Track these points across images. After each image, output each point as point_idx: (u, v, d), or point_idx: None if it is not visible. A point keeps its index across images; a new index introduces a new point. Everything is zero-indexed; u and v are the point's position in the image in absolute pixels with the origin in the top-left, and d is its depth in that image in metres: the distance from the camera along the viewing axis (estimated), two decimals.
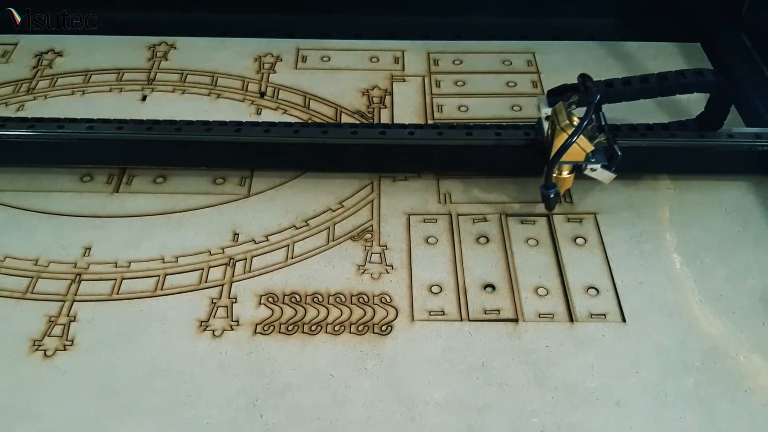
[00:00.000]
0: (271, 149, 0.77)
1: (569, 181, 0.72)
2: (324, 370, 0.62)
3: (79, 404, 0.59)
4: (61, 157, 0.78)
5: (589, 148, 0.69)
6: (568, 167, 0.71)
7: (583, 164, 0.70)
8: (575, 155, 0.69)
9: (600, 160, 0.70)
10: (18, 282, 0.68)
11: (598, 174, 0.71)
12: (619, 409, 0.59)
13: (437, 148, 0.76)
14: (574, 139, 0.67)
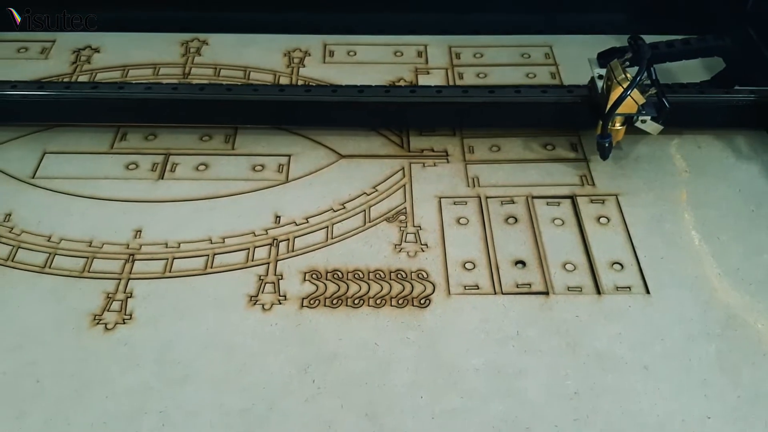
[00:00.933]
0: (314, 107, 0.83)
1: (621, 132, 0.79)
2: (369, 339, 0.66)
3: (141, 372, 0.63)
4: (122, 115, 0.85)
5: (641, 100, 0.75)
6: (620, 119, 0.78)
7: (635, 116, 0.76)
8: (629, 107, 0.76)
9: (650, 112, 0.77)
10: (75, 262, 0.72)
11: (647, 126, 0.78)
12: (647, 372, 0.63)
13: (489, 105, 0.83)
14: (629, 92, 0.74)
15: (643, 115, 0.77)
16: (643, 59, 0.75)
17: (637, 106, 0.76)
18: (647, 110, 0.77)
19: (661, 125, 0.78)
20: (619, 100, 0.74)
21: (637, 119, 0.77)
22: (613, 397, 0.61)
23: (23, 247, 0.73)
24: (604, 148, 0.78)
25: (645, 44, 0.76)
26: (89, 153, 0.84)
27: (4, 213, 0.77)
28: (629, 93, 0.74)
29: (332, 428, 0.59)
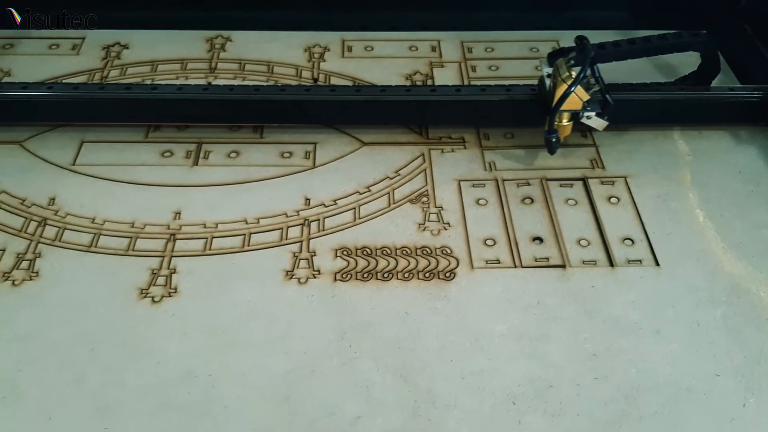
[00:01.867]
0: (337, 107, 0.88)
1: (568, 128, 0.83)
2: (399, 309, 0.70)
3: (189, 340, 0.67)
4: (156, 114, 0.88)
5: (585, 97, 0.80)
6: (567, 115, 0.82)
7: (581, 112, 0.81)
8: (573, 104, 0.80)
9: (595, 108, 0.81)
10: (119, 242, 0.76)
11: (593, 122, 0.82)
12: (659, 336, 0.68)
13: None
14: (573, 88, 0.78)
15: (587, 111, 0.81)
16: (586, 58, 0.79)
17: (582, 103, 0.80)
18: (592, 107, 0.81)
19: (606, 121, 0.82)
20: (563, 97, 0.79)
21: (583, 115, 0.81)
22: (628, 358, 0.66)
23: (69, 228, 0.78)
24: (551, 143, 0.82)
25: (589, 44, 0.80)
26: (125, 142, 0.88)
27: (48, 197, 0.81)
28: (573, 90, 0.78)
29: (370, 389, 0.64)
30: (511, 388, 0.64)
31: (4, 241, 0.76)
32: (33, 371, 0.64)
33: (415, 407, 0.62)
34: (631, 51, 0.86)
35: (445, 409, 0.62)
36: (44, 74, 0.97)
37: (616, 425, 0.61)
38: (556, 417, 0.62)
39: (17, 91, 0.85)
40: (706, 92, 0.90)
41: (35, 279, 0.72)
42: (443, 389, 0.64)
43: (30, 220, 0.78)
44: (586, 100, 0.80)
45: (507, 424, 0.61)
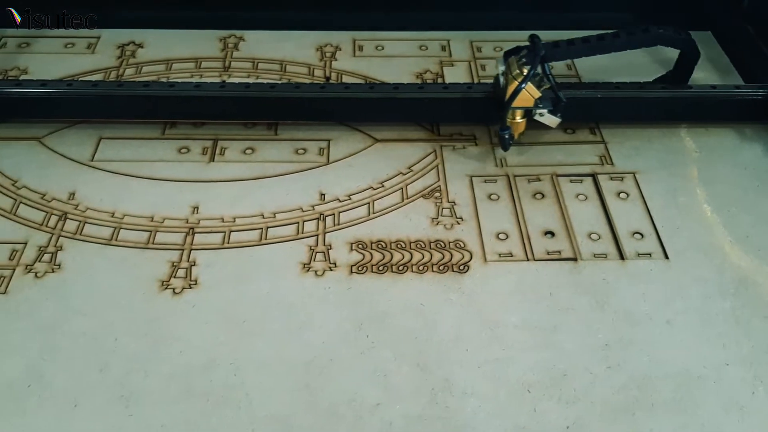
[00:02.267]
0: (351, 104, 0.89)
1: (522, 125, 0.84)
2: (414, 300, 0.72)
3: (210, 329, 0.69)
4: (173, 111, 0.90)
5: (537, 94, 0.81)
6: (520, 112, 0.83)
7: (533, 109, 0.82)
8: (525, 101, 0.81)
9: (546, 105, 0.83)
10: (139, 235, 0.78)
11: (545, 119, 0.84)
12: (670, 326, 0.70)
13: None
14: (523, 85, 0.79)
15: (540, 108, 0.82)
16: (537, 56, 0.80)
17: (534, 100, 0.81)
18: (544, 104, 0.82)
19: (558, 118, 0.83)
20: (514, 94, 0.80)
21: (536, 112, 0.83)
22: (640, 348, 0.68)
23: (89, 222, 0.79)
24: (504, 139, 0.84)
25: (539, 42, 0.81)
26: (142, 139, 0.90)
27: (68, 192, 0.82)
28: (523, 86, 0.79)
29: (387, 377, 0.65)
30: (526, 377, 0.65)
31: (25, 234, 0.77)
32: (58, 360, 0.66)
33: (432, 395, 0.64)
34: (586, 49, 0.87)
35: (462, 396, 0.64)
36: (61, 72, 0.99)
37: (629, 412, 0.63)
38: (570, 404, 0.63)
39: (37, 88, 0.87)
40: (712, 90, 0.92)
41: (57, 271, 0.74)
42: (460, 377, 0.65)
43: (51, 215, 0.80)
44: (537, 97, 0.81)
45: (523, 410, 0.63)
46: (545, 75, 0.82)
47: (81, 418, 0.62)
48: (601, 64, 0.99)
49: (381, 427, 0.62)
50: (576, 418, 0.62)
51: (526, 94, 0.80)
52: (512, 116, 0.83)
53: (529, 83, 0.80)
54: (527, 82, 0.79)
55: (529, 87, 0.80)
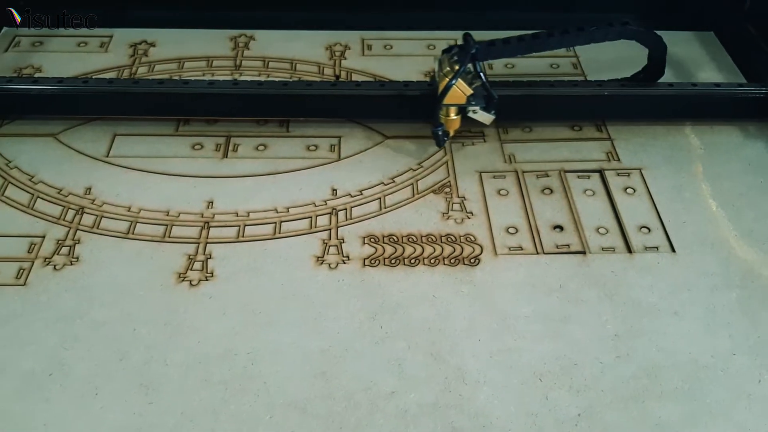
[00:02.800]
0: (363, 101, 0.91)
1: (457, 122, 0.86)
2: (427, 292, 0.73)
3: (227, 320, 0.70)
4: (188, 108, 0.91)
5: (468, 91, 0.82)
6: (454, 109, 0.84)
7: (466, 106, 0.83)
8: (457, 98, 0.82)
9: (479, 103, 0.84)
10: (155, 229, 0.79)
11: (479, 116, 0.85)
12: (678, 317, 0.71)
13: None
14: (453, 82, 0.81)
15: (472, 105, 0.84)
16: (467, 54, 0.81)
17: (466, 97, 0.83)
18: (476, 101, 0.83)
19: (492, 115, 0.85)
20: (444, 91, 0.81)
21: (469, 110, 0.84)
22: (649, 338, 0.69)
23: (106, 216, 0.80)
24: (438, 136, 0.85)
25: (470, 41, 0.82)
26: (156, 135, 0.91)
27: (84, 187, 0.84)
28: (453, 83, 0.81)
29: (402, 366, 0.67)
30: (537, 366, 0.67)
31: (43, 228, 0.79)
32: (78, 350, 0.67)
33: (446, 383, 0.65)
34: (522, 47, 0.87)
35: (475, 385, 0.65)
36: (74, 71, 1.00)
37: (639, 400, 0.64)
38: (581, 392, 0.65)
39: (53, 85, 0.88)
40: (716, 89, 0.94)
41: (76, 264, 0.75)
42: (472, 367, 0.67)
43: (68, 209, 0.81)
44: (469, 94, 0.82)
45: (535, 398, 0.64)
46: (477, 73, 0.83)
47: (102, 405, 0.63)
48: (604, 60, 1.02)
49: (396, 414, 0.63)
50: (587, 405, 0.64)
51: (457, 91, 0.82)
52: (446, 113, 0.84)
53: (460, 80, 0.81)
54: (457, 79, 0.81)
55: (459, 84, 0.81)
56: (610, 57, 1.06)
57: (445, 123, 0.85)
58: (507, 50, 0.86)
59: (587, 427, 0.62)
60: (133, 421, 0.62)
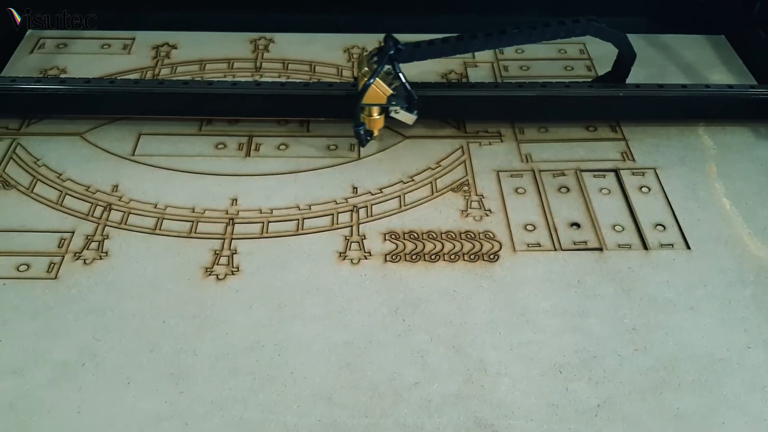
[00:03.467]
0: None
1: (380, 121, 0.87)
2: (448, 287, 0.75)
3: (253, 313, 0.72)
4: (209, 108, 0.93)
5: (388, 92, 0.84)
6: (377, 109, 0.86)
7: (388, 106, 0.85)
8: (377, 98, 0.84)
9: (400, 103, 0.85)
10: (182, 225, 0.81)
11: (401, 116, 0.87)
12: (693, 312, 0.73)
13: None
14: (370, 81, 0.82)
15: (393, 105, 0.85)
16: (385, 55, 0.83)
17: (386, 97, 0.84)
18: (397, 101, 0.85)
19: (414, 115, 0.86)
20: (362, 90, 0.83)
21: (392, 110, 0.86)
22: (665, 332, 0.71)
23: (133, 213, 0.82)
24: (359, 135, 0.87)
25: (390, 42, 0.83)
26: (180, 135, 0.93)
27: (111, 184, 0.86)
28: (371, 82, 0.82)
29: (425, 357, 0.68)
30: (557, 358, 0.68)
31: (73, 224, 0.81)
32: (109, 341, 0.69)
33: (468, 375, 0.67)
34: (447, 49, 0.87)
35: (496, 376, 0.67)
36: (98, 72, 1.03)
37: (656, 392, 0.66)
38: (600, 384, 0.66)
39: (80, 86, 0.90)
40: (729, 90, 0.95)
41: (105, 258, 0.77)
42: (493, 359, 0.68)
43: (96, 205, 0.83)
44: (389, 95, 0.84)
45: (555, 390, 0.66)
46: (396, 74, 0.84)
47: (134, 394, 0.65)
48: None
49: (420, 404, 0.64)
50: (606, 397, 0.65)
51: (376, 91, 0.83)
52: (369, 113, 0.86)
53: (378, 80, 0.82)
54: (374, 79, 0.82)
55: (378, 84, 0.83)
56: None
57: (368, 122, 0.87)
58: (430, 52, 0.87)
59: (607, 417, 0.64)
60: (164, 409, 0.63)
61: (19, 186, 0.85)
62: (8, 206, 0.83)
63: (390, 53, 0.83)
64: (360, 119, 0.86)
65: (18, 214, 0.82)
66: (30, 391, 0.65)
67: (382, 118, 0.87)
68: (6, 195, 0.84)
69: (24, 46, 1.09)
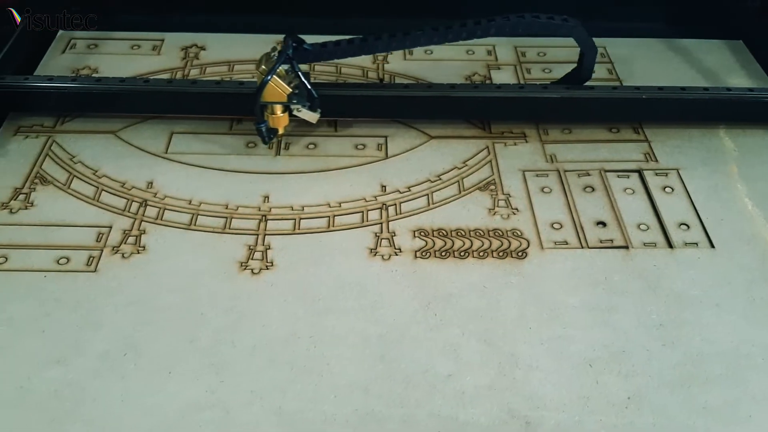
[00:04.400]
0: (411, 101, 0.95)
1: (284, 119, 0.89)
2: (478, 282, 0.77)
3: (289, 306, 0.74)
4: (240, 107, 0.93)
5: (287, 90, 0.86)
6: (280, 107, 0.87)
7: (290, 105, 0.87)
8: (277, 96, 0.86)
9: (301, 101, 0.88)
10: (216, 221, 0.83)
11: (304, 114, 0.89)
12: (719, 309, 0.74)
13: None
14: (267, 78, 0.84)
15: (294, 104, 0.87)
16: (282, 54, 0.85)
17: (286, 96, 0.86)
18: (298, 99, 0.87)
19: (317, 114, 0.89)
20: (260, 88, 0.85)
21: (294, 108, 0.88)
22: (692, 328, 0.72)
23: (168, 209, 0.84)
24: (261, 132, 0.88)
25: (289, 41, 0.86)
26: (212, 133, 0.95)
27: (146, 181, 0.88)
28: (268, 79, 0.84)
29: (457, 351, 0.70)
30: (587, 353, 0.70)
31: (110, 219, 0.83)
32: (150, 332, 0.71)
33: (500, 367, 0.69)
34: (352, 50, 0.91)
35: (528, 369, 0.68)
36: (130, 72, 1.05)
37: (685, 385, 0.67)
38: (630, 377, 0.68)
39: (115, 84, 0.92)
40: (749, 93, 0.97)
41: (143, 252, 0.79)
42: (524, 352, 0.70)
43: (132, 201, 0.85)
44: (288, 93, 0.86)
45: (586, 382, 0.67)
46: (296, 73, 0.86)
47: (176, 382, 0.66)
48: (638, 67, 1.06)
49: (454, 395, 0.66)
50: (636, 390, 0.67)
51: (275, 89, 0.85)
52: (272, 111, 0.88)
53: (277, 79, 0.84)
54: (271, 76, 0.84)
55: (276, 82, 0.85)
56: (644, 64, 1.10)
57: (272, 120, 0.88)
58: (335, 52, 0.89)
59: (636, 409, 0.65)
60: (206, 398, 0.65)
61: (56, 182, 0.87)
62: (46, 201, 0.85)
63: (288, 53, 0.85)
64: (263, 117, 0.88)
65: (56, 209, 0.84)
66: (74, 380, 0.66)
67: (286, 116, 0.89)
68: (44, 190, 0.86)
69: (55, 46, 1.12)
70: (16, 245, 0.79)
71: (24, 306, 0.73)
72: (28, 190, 0.86)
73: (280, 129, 0.90)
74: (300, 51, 0.88)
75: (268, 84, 0.84)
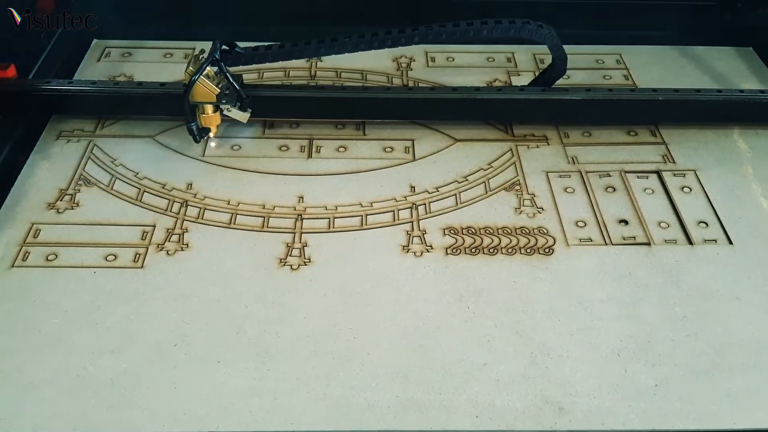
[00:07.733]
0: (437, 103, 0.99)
1: (215, 118, 0.92)
2: (507, 277, 0.80)
3: (328, 300, 0.77)
4: (274, 110, 1.00)
5: (215, 90, 0.89)
6: (210, 107, 0.91)
7: (220, 105, 0.91)
8: (206, 96, 0.90)
9: (230, 101, 0.91)
10: (255, 220, 0.87)
11: (234, 114, 0.92)
12: (739, 302, 0.78)
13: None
14: (195, 78, 0.88)
15: (224, 104, 0.91)
16: (210, 55, 0.88)
17: (215, 96, 0.89)
18: (227, 100, 0.91)
19: (246, 113, 0.92)
20: (188, 87, 0.88)
21: (224, 108, 0.91)
22: (714, 319, 0.76)
23: (208, 209, 0.88)
24: (192, 131, 0.92)
25: (217, 44, 0.90)
26: (245, 138, 0.99)
27: (185, 182, 0.92)
28: (195, 79, 0.87)
29: (491, 342, 0.73)
30: (614, 343, 0.73)
31: (153, 218, 0.86)
32: (197, 324, 0.74)
33: (532, 357, 0.72)
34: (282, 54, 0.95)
35: (558, 359, 0.72)
36: (164, 79, 1.08)
37: (709, 374, 0.71)
38: (656, 366, 0.71)
39: (155, 89, 0.96)
40: (762, 96, 1.01)
41: (186, 250, 0.82)
42: (555, 343, 0.73)
43: (173, 202, 0.89)
44: (217, 93, 0.89)
45: (615, 371, 0.71)
46: (224, 74, 0.90)
47: (225, 371, 0.70)
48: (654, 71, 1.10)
49: (489, 383, 0.70)
50: (663, 378, 0.70)
51: (203, 90, 0.89)
52: (203, 110, 0.91)
53: (204, 79, 0.88)
54: (198, 77, 0.87)
55: (203, 83, 0.88)
56: (658, 70, 1.14)
57: (202, 120, 0.92)
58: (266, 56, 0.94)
59: (664, 395, 0.69)
60: (254, 385, 0.69)
61: (99, 183, 0.91)
62: (92, 201, 0.88)
63: (215, 55, 0.89)
64: (193, 116, 0.92)
65: (101, 208, 0.87)
66: (128, 369, 0.70)
67: (217, 115, 0.92)
68: (88, 191, 0.90)
69: (91, 54, 1.16)
70: (65, 243, 0.83)
71: (77, 300, 0.76)
72: (73, 191, 0.90)
73: (213, 128, 0.94)
74: (231, 54, 0.92)
75: (195, 84, 0.88)
